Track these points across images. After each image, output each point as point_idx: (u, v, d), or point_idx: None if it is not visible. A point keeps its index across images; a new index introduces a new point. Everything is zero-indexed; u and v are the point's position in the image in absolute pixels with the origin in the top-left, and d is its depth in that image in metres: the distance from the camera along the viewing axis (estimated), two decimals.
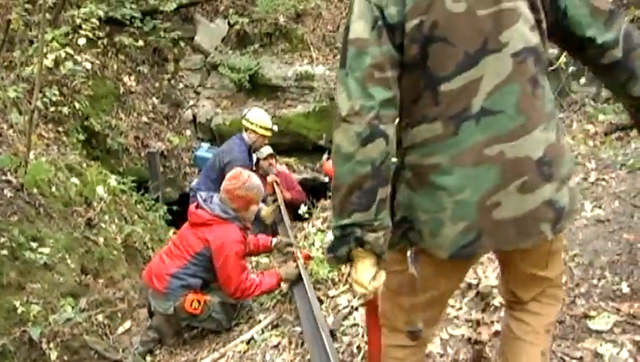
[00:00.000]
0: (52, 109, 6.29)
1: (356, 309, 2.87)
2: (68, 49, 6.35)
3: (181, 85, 8.70)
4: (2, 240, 3.62)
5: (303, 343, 2.88)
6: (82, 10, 6.96)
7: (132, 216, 5.47)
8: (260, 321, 3.36)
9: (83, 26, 6.77)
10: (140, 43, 8.02)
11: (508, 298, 1.73)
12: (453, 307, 2.54)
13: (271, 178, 5.57)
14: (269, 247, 3.88)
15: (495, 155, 1.36)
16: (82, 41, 6.70)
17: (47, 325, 3.46)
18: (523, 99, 1.37)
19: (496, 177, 1.37)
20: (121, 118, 7.64)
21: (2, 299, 3.42)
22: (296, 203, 5.34)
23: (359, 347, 2.55)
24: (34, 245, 3.80)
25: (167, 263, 3.40)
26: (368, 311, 1.63)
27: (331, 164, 5.95)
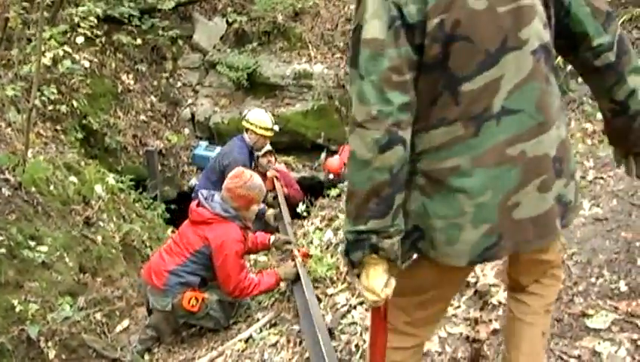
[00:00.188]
0: (50, 108, 6.27)
1: (354, 308, 2.87)
2: (66, 47, 6.34)
3: (179, 84, 8.68)
4: (0, 238, 3.62)
5: (302, 342, 2.88)
6: (80, 8, 6.94)
7: (130, 215, 5.46)
8: (259, 320, 3.36)
9: (81, 25, 6.75)
10: (138, 41, 8.00)
11: (510, 283, 1.74)
12: (451, 305, 2.54)
13: (271, 173, 5.57)
14: (267, 245, 3.88)
15: (517, 155, 1.34)
16: (80, 40, 6.67)
17: (45, 324, 3.46)
18: (542, 97, 1.36)
19: (517, 177, 1.35)
20: (119, 117, 7.62)
21: (0, 298, 3.41)
22: (294, 201, 5.34)
23: (357, 345, 2.55)
24: (32, 244, 3.79)
25: (166, 260, 3.41)
26: (378, 317, 1.54)
27: (333, 164, 5.88)
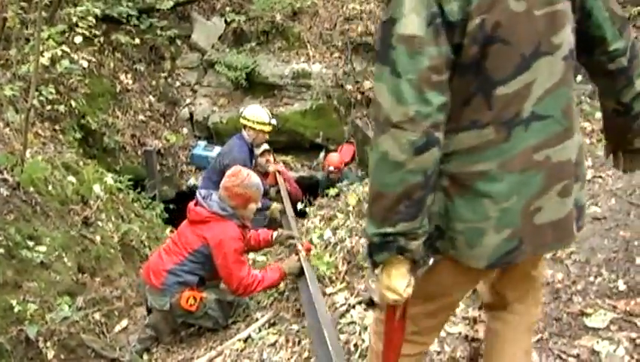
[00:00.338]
0: (48, 108, 6.26)
1: (353, 307, 2.87)
2: (64, 47, 6.32)
3: (178, 83, 8.67)
4: None
5: (300, 341, 2.88)
6: (78, 8, 6.94)
7: (129, 215, 5.45)
8: (257, 319, 3.36)
9: (79, 24, 6.76)
10: (137, 41, 7.99)
11: (491, 299, 1.72)
12: None
13: (273, 168, 5.58)
14: (270, 241, 3.86)
15: (542, 160, 1.34)
16: (78, 39, 6.68)
17: (43, 324, 3.45)
18: (568, 102, 1.36)
19: (541, 182, 1.34)
20: (117, 116, 7.61)
21: None
22: (295, 199, 5.35)
23: (356, 345, 2.55)
24: (30, 244, 3.79)
25: (164, 260, 3.41)
26: (394, 317, 1.50)
27: (333, 159, 5.87)
